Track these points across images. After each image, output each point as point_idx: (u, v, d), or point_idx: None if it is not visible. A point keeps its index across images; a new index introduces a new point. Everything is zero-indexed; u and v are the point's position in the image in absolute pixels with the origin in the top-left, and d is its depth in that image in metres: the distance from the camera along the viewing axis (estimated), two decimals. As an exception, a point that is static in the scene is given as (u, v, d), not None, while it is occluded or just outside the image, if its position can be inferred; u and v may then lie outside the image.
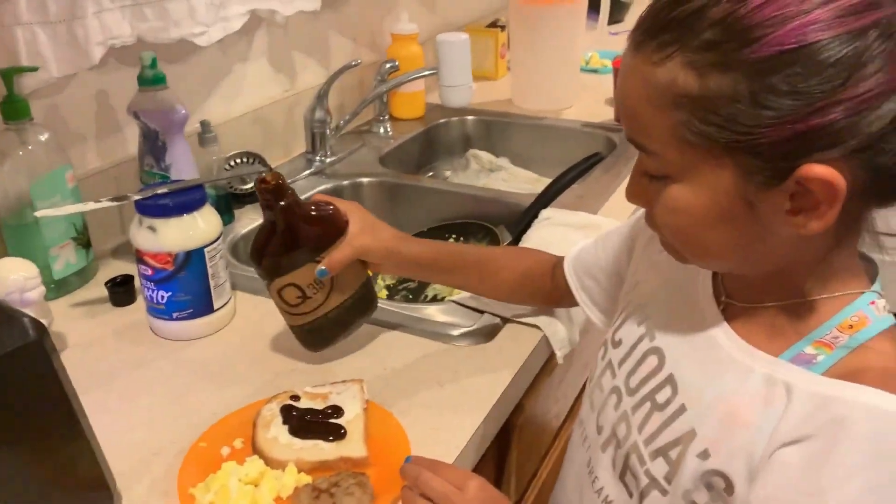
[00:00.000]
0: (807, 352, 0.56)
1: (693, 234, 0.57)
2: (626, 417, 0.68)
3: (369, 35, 1.71)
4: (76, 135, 1.12)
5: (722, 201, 0.54)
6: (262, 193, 0.81)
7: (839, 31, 0.47)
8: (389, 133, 1.64)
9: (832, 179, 0.49)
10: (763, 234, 0.55)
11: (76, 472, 0.67)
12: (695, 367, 0.63)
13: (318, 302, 0.86)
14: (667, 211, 0.57)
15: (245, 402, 0.82)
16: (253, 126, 1.41)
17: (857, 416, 0.51)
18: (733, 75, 0.49)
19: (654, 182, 0.57)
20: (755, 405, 0.56)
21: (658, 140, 0.54)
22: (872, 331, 0.55)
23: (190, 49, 1.23)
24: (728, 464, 0.57)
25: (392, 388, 0.85)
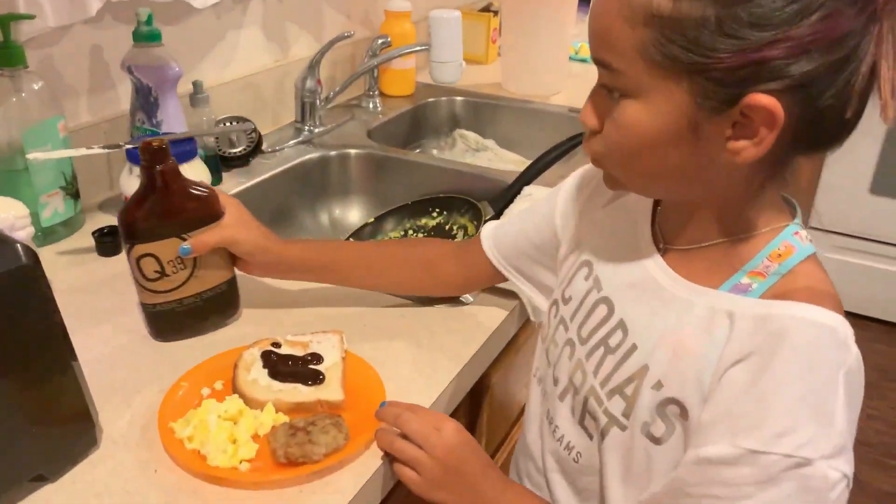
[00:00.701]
0: (743, 282, 0.61)
1: (637, 154, 0.60)
2: (581, 365, 0.71)
3: (363, 11, 1.73)
4: (69, 87, 1.13)
5: (671, 123, 0.57)
6: (143, 153, 0.80)
7: None
8: (378, 108, 1.67)
9: (773, 107, 0.53)
10: (702, 159, 0.58)
11: (60, 403, 0.69)
12: (642, 309, 0.67)
13: (175, 283, 0.84)
14: (618, 128, 0.60)
15: (226, 349, 0.84)
16: (243, 92, 1.42)
17: (793, 328, 0.56)
18: (703, 2, 0.52)
19: (610, 102, 0.60)
20: (699, 334, 0.61)
21: (624, 57, 0.57)
22: (798, 257, 0.61)
23: (185, 11, 1.25)
24: (680, 391, 0.61)
25: (370, 342, 0.87)
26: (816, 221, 2.65)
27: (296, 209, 1.39)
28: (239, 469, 0.68)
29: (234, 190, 1.25)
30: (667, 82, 0.56)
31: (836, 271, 2.95)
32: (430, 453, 0.69)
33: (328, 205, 1.45)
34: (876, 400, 2.37)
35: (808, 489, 0.53)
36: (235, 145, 1.32)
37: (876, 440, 2.22)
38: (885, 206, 2.54)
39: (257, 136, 1.35)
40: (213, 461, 0.68)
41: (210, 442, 0.70)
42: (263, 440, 0.71)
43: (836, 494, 0.54)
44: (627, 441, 0.65)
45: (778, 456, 0.53)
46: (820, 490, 0.53)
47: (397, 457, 0.70)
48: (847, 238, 2.63)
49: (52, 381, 0.67)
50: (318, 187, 1.43)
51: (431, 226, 1.37)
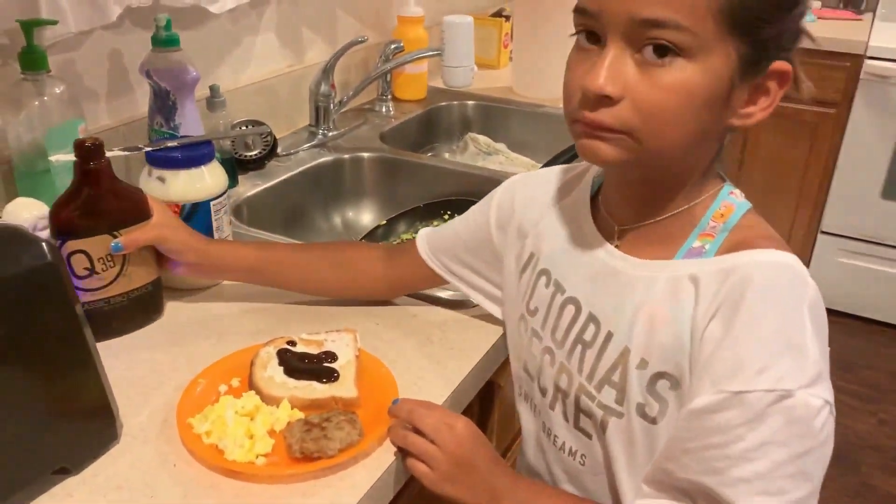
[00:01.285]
0: (695, 246, 0.65)
1: (679, 118, 0.59)
2: (564, 368, 0.72)
3: (376, 16, 1.75)
4: (90, 91, 1.15)
5: (719, 84, 0.59)
6: (77, 150, 0.82)
7: None
8: (391, 112, 1.69)
9: (790, 72, 0.61)
10: (719, 124, 0.62)
11: (82, 398, 0.71)
12: (607, 298, 0.69)
13: (104, 281, 0.86)
14: (664, 90, 0.58)
15: (243, 346, 0.86)
16: (259, 96, 1.44)
17: (754, 272, 0.60)
18: None
19: (652, 66, 0.58)
20: (667, 303, 0.64)
21: (695, 14, 0.56)
22: (738, 213, 0.66)
23: (202, 16, 1.27)
24: (664, 363, 0.63)
25: (382, 341, 0.89)
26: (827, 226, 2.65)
27: (310, 211, 1.41)
28: (255, 463, 0.70)
29: (249, 192, 1.27)
30: (727, 43, 0.58)
31: (847, 276, 2.96)
32: (442, 448, 0.70)
33: (341, 207, 1.47)
34: (888, 405, 2.36)
35: (794, 419, 0.56)
36: (251, 148, 1.35)
37: (887, 444, 2.22)
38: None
39: (272, 140, 1.37)
40: (230, 455, 0.70)
41: (227, 437, 0.71)
42: (279, 435, 0.73)
43: (820, 421, 0.56)
44: (626, 428, 0.66)
45: (760, 392, 0.56)
46: (805, 419, 0.56)
47: (410, 451, 0.72)
48: (859, 242, 2.62)
49: (74, 375, 0.70)
50: (331, 190, 1.45)
51: (443, 228, 1.38)
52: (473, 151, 1.69)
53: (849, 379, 2.45)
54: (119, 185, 0.86)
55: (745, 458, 0.56)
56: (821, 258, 2.68)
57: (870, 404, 2.35)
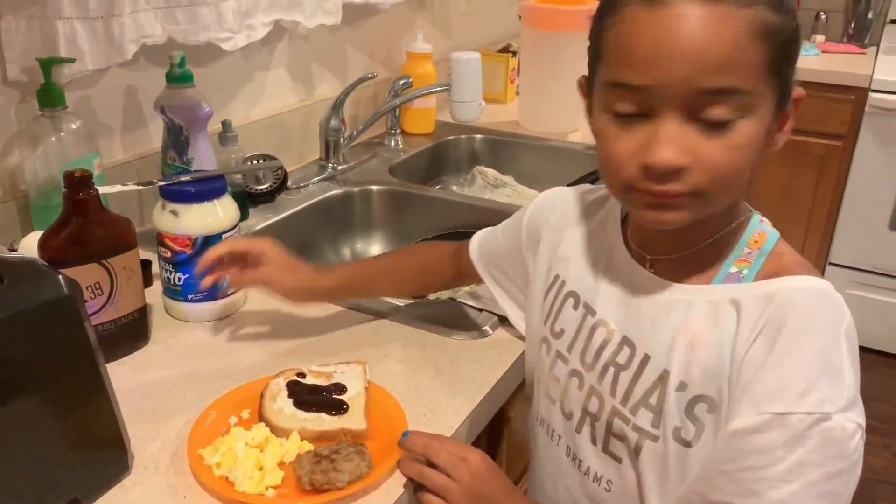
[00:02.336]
0: (732, 271, 0.67)
1: (744, 170, 0.62)
2: (594, 391, 0.72)
3: (385, 52, 1.78)
4: (105, 126, 1.18)
5: (763, 130, 0.62)
6: (66, 181, 0.84)
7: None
8: (400, 146, 1.71)
9: (804, 97, 0.64)
10: (757, 156, 0.63)
11: (94, 429, 0.72)
12: (642, 322, 0.70)
13: (92, 310, 0.86)
14: (730, 151, 0.60)
15: (252, 377, 0.86)
16: (270, 131, 1.47)
17: (796, 297, 0.62)
18: (793, 14, 0.61)
19: (716, 130, 0.59)
20: (709, 326, 0.65)
21: (752, 76, 0.59)
22: (772, 240, 0.67)
23: (215, 53, 1.30)
24: (704, 385, 0.64)
25: (391, 373, 0.90)
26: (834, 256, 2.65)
27: (320, 243, 1.43)
28: (265, 495, 0.70)
29: (260, 225, 1.28)
30: (768, 89, 0.61)
31: (857, 308, 2.95)
32: (458, 481, 0.70)
33: (351, 239, 1.48)
34: (902, 438, 2.34)
35: (831, 441, 0.57)
36: (262, 182, 1.36)
37: (901, 479, 2.19)
38: (905, 243, 2.54)
39: (283, 174, 1.39)
40: (240, 487, 0.70)
41: (238, 468, 0.72)
42: (289, 467, 0.73)
43: (854, 444, 0.58)
44: (661, 452, 0.66)
45: (802, 414, 0.57)
46: (840, 441, 0.57)
47: (425, 485, 0.72)
48: (868, 274, 2.62)
49: (88, 407, 0.70)
50: (341, 222, 1.46)
51: (452, 260, 1.39)
52: (481, 184, 1.70)
53: (861, 412, 2.42)
54: (107, 215, 0.89)
55: (783, 479, 0.57)
56: (830, 290, 2.66)
57: (884, 438, 2.33)
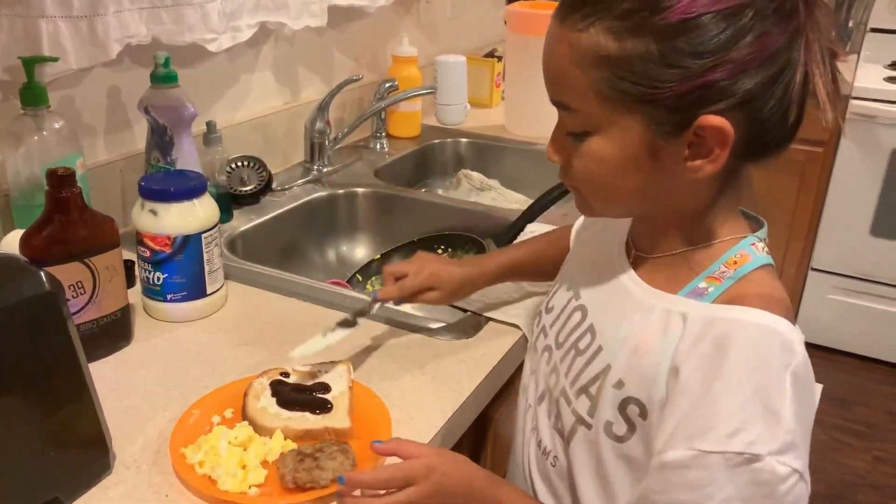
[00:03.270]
0: (700, 286, 0.66)
1: (605, 182, 0.66)
2: (556, 368, 0.75)
3: (371, 55, 1.78)
4: (88, 126, 1.17)
5: (631, 150, 0.62)
6: (49, 177, 0.84)
7: (727, 6, 0.57)
8: (385, 149, 1.71)
9: (723, 126, 0.59)
10: (664, 179, 0.63)
11: (75, 429, 0.71)
12: (610, 314, 0.71)
13: (74, 309, 0.86)
14: (584, 162, 0.65)
15: (236, 379, 0.86)
16: (255, 133, 1.46)
17: (740, 331, 0.60)
18: (646, 38, 0.58)
19: (574, 139, 0.64)
20: (656, 334, 0.65)
21: (580, 97, 0.62)
22: (752, 265, 0.65)
23: (200, 54, 1.30)
24: (639, 390, 0.65)
25: (376, 373, 0.89)
26: (816, 262, 2.67)
27: (304, 246, 1.42)
28: (248, 494, 0.70)
29: (244, 227, 1.28)
30: (622, 115, 0.61)
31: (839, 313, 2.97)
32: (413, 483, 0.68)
33: (336, 242, 1.48)
34: (883, 442, 2.36)
35: (760, 482, 0.57)
36: (246, 184, 1.36)
37: (882, 482, 2.21)
38: (885, 248, 2.56)
39: (267, 175, 1.38)
40: (223, 486, 0.70)
41: (220, 467, 0.71)
42: (272, 466, 0.73)
43: (786, 487, 0.57)
44: (593, 440, 0.68)
45: (731, 454, 0.57)
46: (771, 483, 0.57)
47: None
48: (849, 279, 2.64)
49: (69, 407, 0.70)
50: (326, 225, 1.46)
51: (437, 263, 1.39)
52: (467, 187, 1.71)
53: (844, 416, 2.45)
54: (90, 214, 0.88)
55: None
56: (812, 295, 2.69)
57: (865, 441, 2.35)
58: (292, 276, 1.12)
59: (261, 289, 1.08)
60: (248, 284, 1.09)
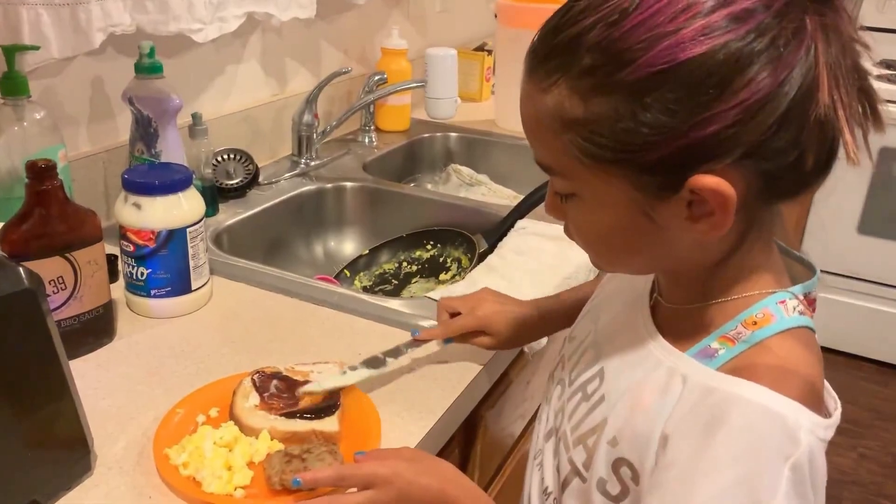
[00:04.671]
0: (712, 346, 0.58)
1: (601, 245, 0.62)
2: (563, 408, 0.70)
3: (360, 48, 1.76)
4: (70, 117, 1.14)
5: (623, 212, 0.56)
6: (29, 169, 0.82)
7: (706, 48, 0.49)
8: (374, 143, 1.69)
9: (720, 188, 0.51)
10: (666, 239, 0.57)
11: (56, 428, 0.69)
12: (620, 360, 0.65)
13: (55, 304, 0.84)
14: (576, 224, 0.61)
15: (221, 377, 0.84)
16: (241, 125, 1.44)
17: (735, 409, 0.53)
18: (613, 97, 0.51)
19: (563, 200, 0.60)
20: (655, 393, 0.59)
21: (557, 160, 0.56)
22: (775, 328, 0.57)
23: (186, 45, 1.27)
24: (631, 451, 0.59)
25: (366, 371, 0.88)
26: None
27: (291, 240, 1.40)
28: (234, 496, 0.68)
29: (230, 221, 1.26)
30: (603, 178, 0.55)
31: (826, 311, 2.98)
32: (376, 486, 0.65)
33: (323, 236, 1.46)
34: (868, 439, 2.37)
35: None
36: (232, 177, 1.34)
37: (868, 480, 2.22)
38: (872, 246, 2.57)
39: (254, 169, 1.36)
40: (207, 487, 0.68)
41: (205, 468, 0.69)
42: (258, 467, 0.71)
43: None
44: (587, 495, 0.63)
45: None
46: None
47: None
48: (836, 277, 2.65)
49: (49, 405, 0.68)
50: (313, 219, 1.44)
51: (426, 258, 1.38)
52: (456, 182, 1.69)
53: (828, 413, 2.45)
54: (71, 207, 0.85)
55: None
56: (799, 292, 2.69)
57: (851, 439, 2.36)
58: (279, 271, 1.10)
59: (247, 284, 1.06)
60: (234, 280, 1.07)
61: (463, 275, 1.27)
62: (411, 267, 1.38)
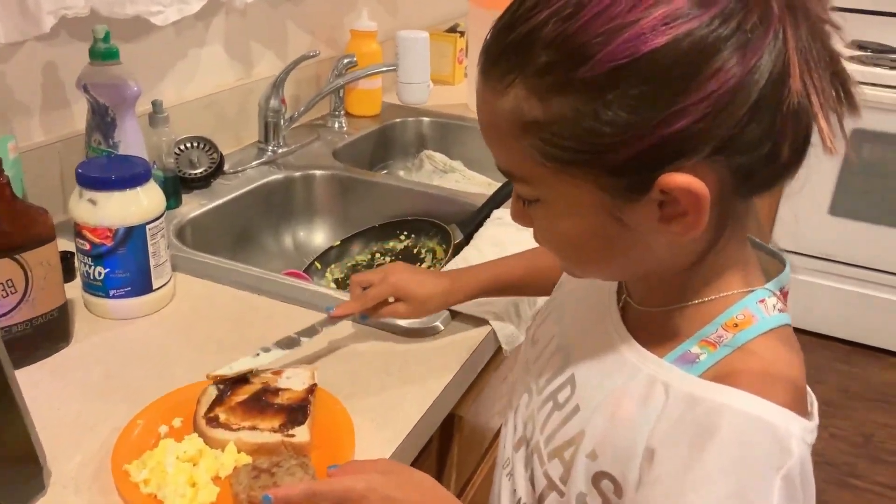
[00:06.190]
0: (692, 351, 0.56)
1: (571, 252, 0.58)
2: (533, 416, 0.67)
3: (328, 30, 1.70)
4: (21, 105, 1.08)
5: (589, 218, 0.53)
6: None
7: (669, 38, 0.46)
8: (344, 128, 1.64)
9: (692, 187, 0.48)
10: (638, 242, 0.54)
11: (3, 444, 0.64)
12: (592, 367, 0.62)
13: (5, 309, 0.80)
14: (543, 231, 0.58)
15: (185, 384, 0.80)
16: (205, 111, 1.38)
17: (724, 420, 0.50)
18: (573, 96, 0.48)
19: (528, 205, 0.57)
20: (636, 404, 0.56)
21: (518, 164, 0.53)
22: (757, 330, 0.55)
23: (145, 28, 1.21)
24: (613, 464, 0.56)
25: (340, 375, 0.84)
26: (775, 242, 2.68)
27: (259, 232, 1.35)
28: (199, 515, 0.64)
29: (194, 213, 1.21)
30: (568, 181, 0.51)
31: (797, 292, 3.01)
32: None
33: (292, 227, 1.41)
34: (839, 419, 2.39)
35: None
36: (196, 166, 1.28)
37: (840, 460, 2.24)
38: (843, 227, 2.58)
39: (219, 157, 1.31)
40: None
41: (168, 485, 0.65)
42: (225, 483, 0.67)
43: None
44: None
45: None
46: None
47: None
48: (807, 258, 2.66)
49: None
50: (282, 209, 1.39)
51: (399, 249, 1.34)
52: (429, 169, 1.65)
53: (800, 394, 2.47)
54: (20, 205, 0.80)
55: None
56: (771, 274, 2.70)
57: (821, 419, 2.35)
58: (246, 266, 1.05)
59: (212, 281, 1.01)
60: (199, 276, 1.02)
61: (438, 267, 1.24)
62: (384, 258, 1.34)
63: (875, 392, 2.53)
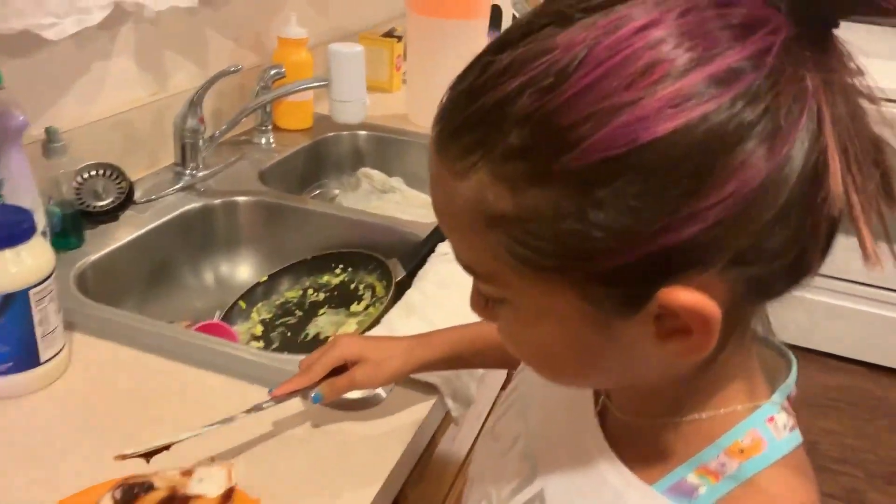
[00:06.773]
0: (689, 481, 0.46)
1: (541, 360, 0.47)
2: None
3: (253, 37, 1.55)
4: None
5: (567, 327, 0.43)
6: None
7: (679, 124, 0.35)
8: (272, 145, 1.50)
9: (701, 308, 0.39)
10: (626, 356, 0.44)
11: None
12: (566, 485, 0.52)
13: None
14: (508, 335, 0.47)
15: (78, 485, 0.66)
16: (112, 132, 1.23)
17: None
18: (552, 190, 0.37)
19: (493, 302, 0.46)
20: None
21: (480, 260, 0.42)
22: (767, 459, 0.45)
23: (35, 43, 1.05)
24: None
25: (264, 470, 0.72)
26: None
27: (176, 268, 1.21)
28: None
29: (98, 254, 1.06)
30: (543, 287, 0.41)
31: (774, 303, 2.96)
32: None
33: (213, 261, 1.27)
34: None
35: None
36: (102, 197, 1.13)
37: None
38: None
39: (128, 186, 1.16)
40: None
41: None
42: None
43: None
44: None
45: None
46: None
47: None
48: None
49: None
50: (201, 241, 1.25)
51: (334, 284, 1.22)
52: (367, 189, 1.53)
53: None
54: None
55: None
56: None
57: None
58: (154, 323, 0.92)
59: (115, 342, 0.88)
60: (100, 337, 0.88)
61: (378, 305, 1.12)
62: (318, 295, 1.21)
63: (820, 397, 2.52)
